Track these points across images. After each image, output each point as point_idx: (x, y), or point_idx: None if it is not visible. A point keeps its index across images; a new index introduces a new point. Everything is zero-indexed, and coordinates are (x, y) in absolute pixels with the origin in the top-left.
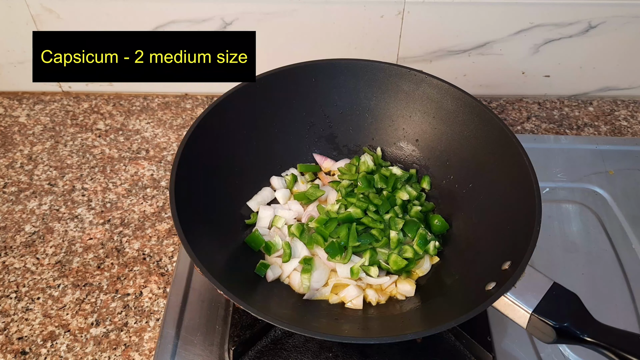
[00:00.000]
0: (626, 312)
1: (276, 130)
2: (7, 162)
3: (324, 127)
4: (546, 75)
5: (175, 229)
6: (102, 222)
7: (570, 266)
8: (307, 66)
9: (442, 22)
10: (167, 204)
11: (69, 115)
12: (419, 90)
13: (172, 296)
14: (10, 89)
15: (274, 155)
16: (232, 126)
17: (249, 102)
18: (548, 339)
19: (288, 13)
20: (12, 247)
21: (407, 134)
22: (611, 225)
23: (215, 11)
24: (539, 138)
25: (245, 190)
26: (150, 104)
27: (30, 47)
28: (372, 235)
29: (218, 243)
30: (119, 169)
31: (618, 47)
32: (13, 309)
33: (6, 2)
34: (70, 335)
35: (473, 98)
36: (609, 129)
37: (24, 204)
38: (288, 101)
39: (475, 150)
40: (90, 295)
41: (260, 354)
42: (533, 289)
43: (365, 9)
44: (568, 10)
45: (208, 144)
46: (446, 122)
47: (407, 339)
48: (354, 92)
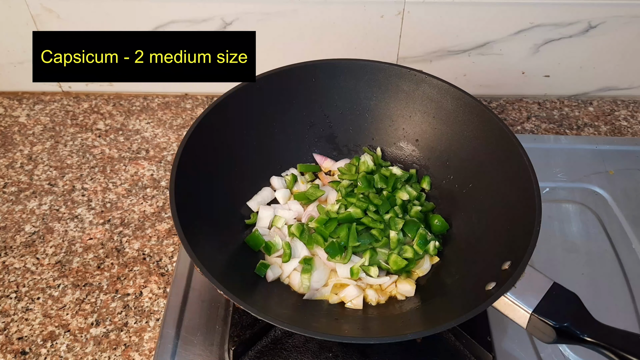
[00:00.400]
0: (626, 312)
1: (276, 130)
2: (7, 162)
3: (324, 127)
4: (546, 75)
5: (176, 229)
6: (102, 222)
7: (570, 266)
8: (307, 66)
9: (442, 22)
10: (167, 204)
11: (69, 115)
12: (419, 90)
13: (172, 296)
14: (10, 89)
15: (274, 155)
16: (232, 126)
17: (249, 102)
18: (548, 339)
19: (288, 13)
20: (12, 247)
21: (407, 134)
22: (611, 225)
23: (215, 11)
24: (539, 138)
25: (245, 190)
26: (150, 104)
27: (30, 47)
28: (372, 235)
29: (218, 243)
30: (119, 169)
31: (618, 47)
32: (13, 309)
33: (6, 2)
34: (70, 335)
35: (473, 98)
36: (609, 129)
37: (24, 204)
38: (288, 101)
39: (475, 150)
40: (90, 295)
41: (260, 354)
42: (533, 289)
43: (365, 9)
44: (568, 10)
45: (208, 144)
46: (446, 122)
47: (407, 339)
48: (354, 92)
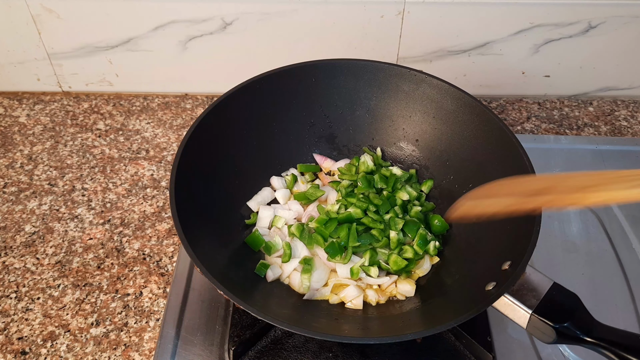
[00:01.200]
0: (626, 312)
1: (276, 130)
2: (7, 162)
3: (324, 127)
4: (546, 75)
5: (175, 228)
6: (102, 222)
7: (570, 266)
8: (307, 66)
9: (442, 22)
10: (167, 204)
11: (69, 115)
12: (419, 90)
13: (172, 296)
14: (11, 89)
15: (274, 155)
16: (232, 126)
17: (249, 102)
18: (548, 339)
19: (288, 13)
20: (12, 247)
21: (407, 134)
22: (611, 225)
23: (215, 11)
24: (539, 138)
25: (245, 190)
26: (150, 104)
27: (30, 47)
28: (372, 235)
29: (218, 243)
30: (119, 169)
31: (618, 47)
32: (13, 309)
33: (6, 2)
34: (70, 336)
35: (473, 98)
36: (609, 129)
37: (24, 204)
38: (288, 101)
39: (475, 150)
40: (90, 296)
41: (260, 354)
42: (533, 289)
43: (365, 9)
44: (568, 10)
45: (208, 144)
46: (446, 122)
47: (407, 339)
48: (354, 92)
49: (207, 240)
